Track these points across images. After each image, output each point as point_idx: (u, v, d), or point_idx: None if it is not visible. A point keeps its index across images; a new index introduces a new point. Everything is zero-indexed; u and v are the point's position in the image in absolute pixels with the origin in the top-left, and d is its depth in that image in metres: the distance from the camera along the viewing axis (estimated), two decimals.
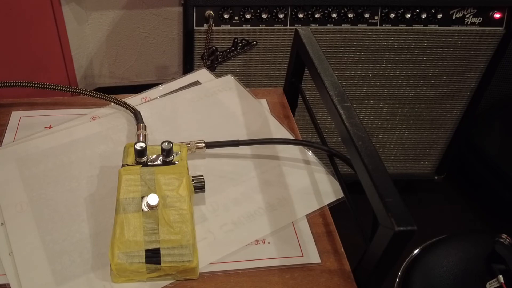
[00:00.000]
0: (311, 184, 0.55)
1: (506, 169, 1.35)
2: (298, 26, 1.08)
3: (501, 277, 0.68)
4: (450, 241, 0.81)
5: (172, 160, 0.50)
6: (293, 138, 0.61)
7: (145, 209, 0.45)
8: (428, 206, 1.46)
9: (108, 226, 0.46)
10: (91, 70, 1.51)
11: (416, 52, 1.16)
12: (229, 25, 1.07)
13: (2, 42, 1.21)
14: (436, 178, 1.41)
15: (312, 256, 0.48)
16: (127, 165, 0.49)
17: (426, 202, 1.48)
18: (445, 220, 1.42)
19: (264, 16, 1.06)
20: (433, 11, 1.10)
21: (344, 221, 0.56)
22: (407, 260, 0.80)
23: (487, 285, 0.70)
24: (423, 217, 1.33)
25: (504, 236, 0.74)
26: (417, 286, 0.75)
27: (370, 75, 1.19)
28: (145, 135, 0.57)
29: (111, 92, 0.65)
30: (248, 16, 1.06)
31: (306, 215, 0.52)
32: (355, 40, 1.13)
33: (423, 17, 1.10)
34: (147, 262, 0.43)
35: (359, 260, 0.46)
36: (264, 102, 0.67)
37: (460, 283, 0.74)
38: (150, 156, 0.50)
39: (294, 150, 0.59)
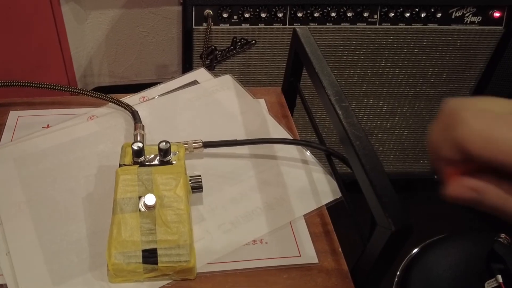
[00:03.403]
0: (309, 184, 0.55)
1: None
2: (297, 25, 1.08)
3: (499, 277, 0.68)
4: (449, 241, 0.81)
5: (170, 160, 0.50)
6: (291, 137, 0.61)
7: (142, 209, 0.45)
8: (427, 205, 1.46)
9: (106, 226, 0.46)
10: (90, 69, 1.51)
11: (416, 51, 1.16)
12: (228, 24, 1.07)
13: (1, 41, 1.21)
14: (435, 177, 1.41)
15: (310, 256, 0.48)
16: (125, 165, 0.49)
17: (426, 201, 1.48)
18: (444, 219, 1.42)
19: (263, 15, 1.06)
20: (432, 10, 1.10)
21: (342, 220, 0.56)
22: (406, 259, 0.79)
23: (486, 284, 0.69)
24: (423, 216, 1.33)
25: (503, 235, 0.74)
26: (416, 285, 0.75)
27: (370, 74, 1.19)
28: (142, 134, 0.57)
29: (111, 91, 0.65)
30: (247, 15, 1.06)
31: (304, 215, 0.52)
32: (354, 39, 1.13)
33: (422, 16, 1.10)
34: (144, 262, 0.43)
35: (357, 260, 0.46)
36: (262, 101, 0.67)
37: (459, 282, 0.74)
38: (147, 156, 0.50)
39: (292, 150, 0.59)
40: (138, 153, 0.49)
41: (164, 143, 0.49)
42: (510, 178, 0.26)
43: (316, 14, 1.08)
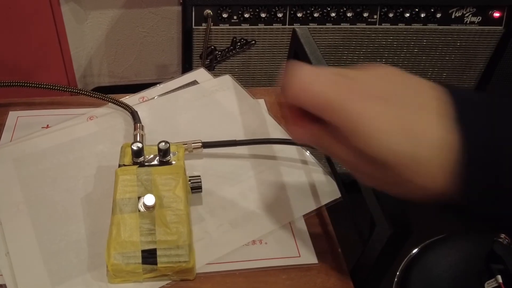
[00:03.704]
0: (308, 184, 0.55)
1: None
2: (296, 26, 1.08)
3: (499, 277, 0.68)
4: (449, 241, 0.81)
5: (169, 160, 0.50)
6: (290, 138, 0.61)
7: (142, 209, 0.45)
8: (427, 205, 1.46)
9: (105, 227, 0.46)
10: (90, 69, 1.51)
11: (415, 52, 1.16)
12: (227, 25, 1.07)
13: (1, 41, 1.21)
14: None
15: (309, 256, 0.48)
16: (124, 165, 0.49)
17: None
18: (444, 220, 1.42)
19: (263, 15, 1.06)
20: (432, 10, 1.10)
21: (341, 221, 0.56)
22: (405, 259, 0.79)
23: (486, 284, 0.69)
24: (422, 216, 1.32)
25: (502, 236, 0.73)
26: (416, 285, 0.75)
27: None
28: (142, 135, 0.56)
29: (110, 91, 0.64)
30: (246, 15, 1.06)
31: (304, 215, 0.52)
32: (354, 39, 1.13)
33: (422, 16, 1.10)
34: (143, 262, 0.43)
35: (356, 260, 0.46)
36: (262, 101, 0.67)
37: (459, 282, 0.74)
38: (147, 156, 0.50)
39: (291, 150, 0.59)
40: (138, 153, 0.49)
41: (163, 144, 0.48)
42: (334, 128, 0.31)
43: (316, 14, 1.08)
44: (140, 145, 0.49)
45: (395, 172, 0.29)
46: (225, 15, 1.05)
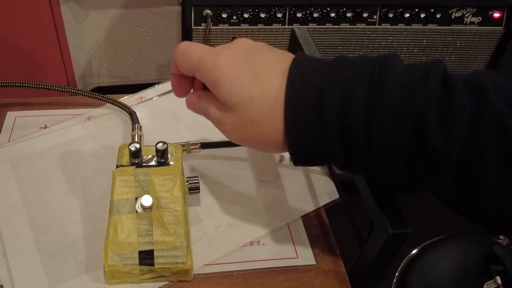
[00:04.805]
0: (307, 185, 0.55)
1: None
2: (296, 26, 1.08)
3: (498, 278, 0.68)
4: (448, 242, 0.81)
5: (167, 161, 0.50)
6: None
7: (139, 210, 0.45)
8: (426, 206, 1.46)
9: (102, 228, 0.46)
10: (89, 69, 1.51)
11: (415, 52, 1.16)
12: (227, 25, 1.07)
13: (0, 41, 1.21)
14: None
15: (307, 257, 0.48)
16: (122, 166, 0.49)
17: (425, 202, 1.48)
18: (443, 221, 1.42)
19: (262, 15, 1.06)
20: (432, 10, 1.10)
21: (340, 222, 0.56)
22: (404, 260, 0.79)
23: (485, 286, 0.69)
24: (422, 217, 1.32)
25: (501, 237, 0.73)
26: (415, 286, 0.75)
27: None
28: (140, 135, 0.56)
29: (110, 91, 0.64)
30: (246, 15, 1.06)
31: (302, 217, 0.51)
32: (354, 40, 1.12)
33: (422, 16, 1.10)
34: (140, 263, 0.42)
35: (355, 262, 0.46)
36: None
37: (458, 284, 0.74)
38: (144, 157, 0.50)
39: None
40: (135, 154, 0.49)
41: (161, 144, 0.48)
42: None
43: (315, 15, 1.07)
44: (138, 145, 0.48)
45: (250, 115, 0.36)
46: (224, 15, 1.05)
